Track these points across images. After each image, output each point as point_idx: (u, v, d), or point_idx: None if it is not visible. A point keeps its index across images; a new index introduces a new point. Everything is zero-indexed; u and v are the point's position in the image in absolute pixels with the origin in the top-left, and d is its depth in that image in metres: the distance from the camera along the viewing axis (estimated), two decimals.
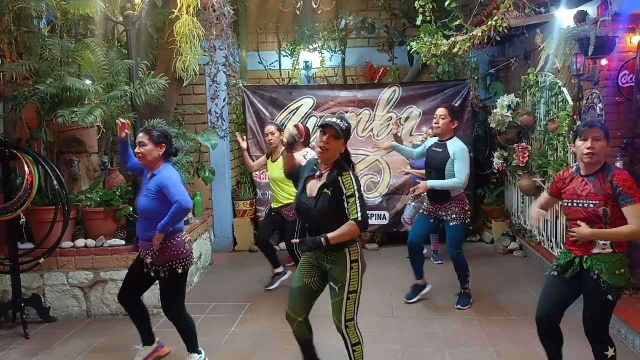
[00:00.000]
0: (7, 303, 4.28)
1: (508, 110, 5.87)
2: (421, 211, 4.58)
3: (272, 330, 4.13)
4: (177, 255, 3.25)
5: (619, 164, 4.07)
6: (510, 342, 3.80)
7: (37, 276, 4.43)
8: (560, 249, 5.06)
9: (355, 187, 2.79)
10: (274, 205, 4.98)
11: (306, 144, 4.94)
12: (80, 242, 4.48)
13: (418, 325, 4.15)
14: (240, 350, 3.81)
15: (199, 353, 3.48)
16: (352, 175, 2.82)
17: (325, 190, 2.81)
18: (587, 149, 2.66)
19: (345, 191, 2.78)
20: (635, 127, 4.02)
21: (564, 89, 4.97)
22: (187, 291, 5.07)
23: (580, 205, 2.71)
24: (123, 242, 4.47)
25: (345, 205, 2.78)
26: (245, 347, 3.85)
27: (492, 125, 6.03)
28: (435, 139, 4.49)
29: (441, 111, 4.38)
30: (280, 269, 5.12)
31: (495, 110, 5.96)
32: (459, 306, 4.46)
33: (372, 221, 6.51)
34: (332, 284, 2.92)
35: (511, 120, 5.86)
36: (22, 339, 4.07)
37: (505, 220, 6.57)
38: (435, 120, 4.39)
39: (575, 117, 4.63)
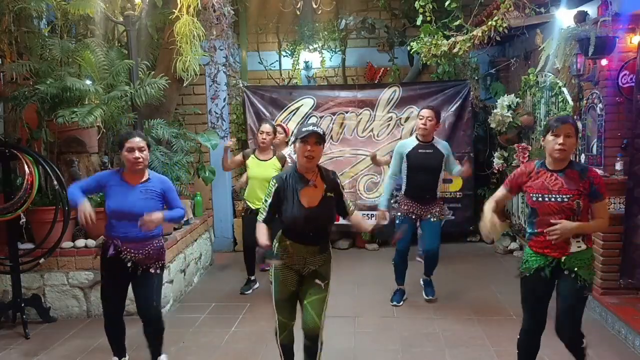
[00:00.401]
0: (7, 303, 4.27)
1: (508, 110, 5.87)
2: (403, 217, 4.45)
3: (272, 330, 4.12)
4: (163, 254, 3.34)
5: (618, 164, 4.08)
6: (510, 342, 3.77)
7: (37, 276, 4.43)
8: None
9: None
10: (256, 206, 4.73)
11: (288, 142, 4.98)
12: (80, 242, 4.48)
13: (418, 325, 4.15)
14: (240, 350, 3.81)
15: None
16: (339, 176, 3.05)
17: (329, 194, 2.87)
18: (559, 144, 2.69)
19: (342, 190, 2.97)
20: (635, 127, 4.02)
21: (564, 89, 4.97)
22: (187, 291, 5.11)
23: (553, 199, 2.74)
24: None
25: (345, 203, 2.98)
26: (245, 347, 3.85)
27: (492, 125, 6.03)
28: (409, 142, 4.46)
29: (427, 112, 4.35)
30: (254, 277, 5.11)
31: (495, 110, 5.96)
32: (430, 297, 4.57)
33: (372, 221, 6.50)
34: (317, 280, 2.92)
35: (511, 120, 5.86)
36: (22, 339, 4.07)
37: (505, 220, 6.56)
38: (422, 122, 4.34)
39: (575, 117, 4.63)
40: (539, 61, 4.85)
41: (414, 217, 4.43)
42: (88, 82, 4.53)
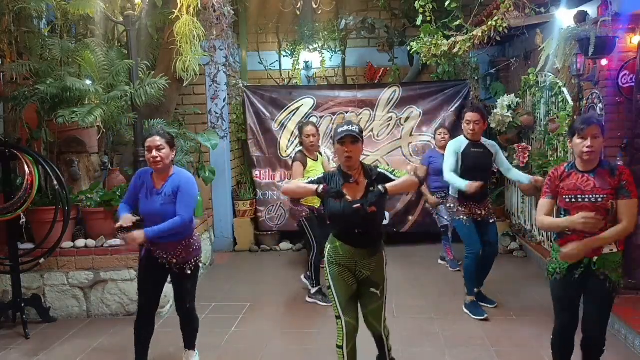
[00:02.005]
0: (7, 303, 4.27)
1: (508, 110, 5.87)
2: (464, 220, 4.31)
3: (272, 330, 4.13)
4: (197, 250, 3.35)
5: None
6: (510, 342, 3.80)
7: (37, 276, 4.43)
8: None
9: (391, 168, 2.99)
10: (318, 205, 4.55)
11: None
12: (80, 242, 4.48)
13: (418, 325, 4.15)
14: (240, 350, 3.81)
15: (196, 351, 3.52)
16: (383, 167, 3.01)
17: (372, 189, 2.86)
18: (587, 147, 2.71)
19: (389, 174, 2.90)
20: (635, 127, 4.02)
21: (564, 89, 4.97)
22: None
23: (587, 199, 2.73)
24: (123, 242, 4.47)
25: (394, 178, 2.88)
26: (245, 347, 3.85)
27: (492, 125, 6.02)
28: (461, 140, 4.34)
29: (475, 116, 4.25)
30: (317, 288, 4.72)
31: (495, 110, 5.96)
32: (495, 304, 4.43)
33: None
34: (372, 289, 2.92)
35: (511, 120, 5.86)
36: (22, 339, 4.07)
37: (505, 220, 6.57)
38: (470, 127, 4.24)
39: (575, 117, 4.63)
40: (539, 61, 4.85)
41: (474, 215, 4.31)
42: (88, 82, 4.53)
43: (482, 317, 4.22)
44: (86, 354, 3.81)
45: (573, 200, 2.76)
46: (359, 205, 2.74)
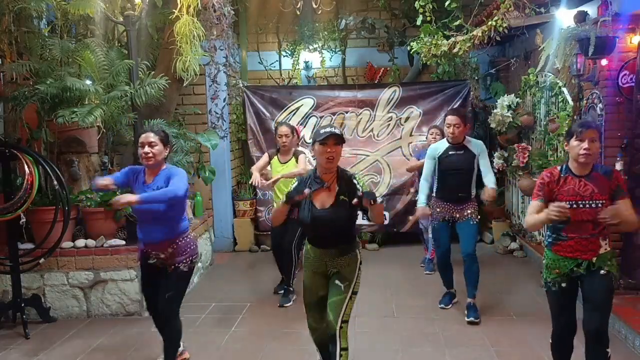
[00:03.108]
0: (7, 303, 4.27)
1: (508, 110, 5.87)
2: (436, 221, 4.36)
3: (272, 330, 4.13)
4: (194, 250, 3.34)
5: (618, 165, 4.07)
6: (510, 342, 3.80)
7: (37, 276, 4.43)
8: None
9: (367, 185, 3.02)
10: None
11: (299, 143, 4.99)
12: (80, 242, 4.48)
13: (418, 325, 4.15)
14: (240, 350, 3.81)
15: None
16: (359, 177, 2.99)
17: (342, 197, 2.86)
18: (584, 149, 2.70)
19: (360, 190, 2.83)
20: (635, 127, 4.02)
21: (564, 89, 4.97)
22: (187, 291, 5.09)
23: (587, 205, 2.73)
24: (123, 242, 4.47)
25: (360, 192, 2.84)
26: (245, 347, 3.85)
27: (492, 125, 6.03)
28: (440, 145, 4.36)
29: (454, 120, 4.19)
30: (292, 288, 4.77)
31: (495, 110, 5.96)
32: (471, 318, 4.15)
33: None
34: (337, 281, 2.91)
35: (511, 120, 5.86)
36: (22, 339, 4.07)
37: (505, 220, 6.57)
38: (450, 130, 4.20)
39: (575, 117, 4.63)
40: (539, 61, 4.84)
41: (447, 218, 4.30)
42: (88, 82, 4.53)
43: (440, 306, 4.48)
44: (86, 354, 3.81)
45: (574, 206, 2.74)
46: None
